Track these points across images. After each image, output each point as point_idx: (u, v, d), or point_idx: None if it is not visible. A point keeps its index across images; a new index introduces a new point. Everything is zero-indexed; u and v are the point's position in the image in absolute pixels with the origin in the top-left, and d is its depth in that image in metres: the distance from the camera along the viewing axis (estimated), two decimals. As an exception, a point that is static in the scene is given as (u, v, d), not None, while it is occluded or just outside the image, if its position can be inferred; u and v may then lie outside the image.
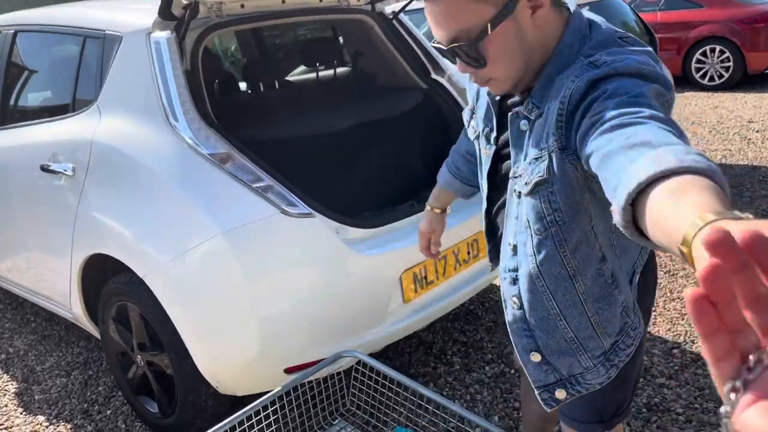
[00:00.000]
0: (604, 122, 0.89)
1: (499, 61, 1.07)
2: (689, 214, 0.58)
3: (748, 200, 4.43)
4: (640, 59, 1.00)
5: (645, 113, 0.87)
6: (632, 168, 0.75)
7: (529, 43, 1.07)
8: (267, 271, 2.11)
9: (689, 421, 2.33)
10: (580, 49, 1.07)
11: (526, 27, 1.05)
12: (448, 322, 3.18)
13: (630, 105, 0.90)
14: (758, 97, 7.67)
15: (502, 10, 1.02)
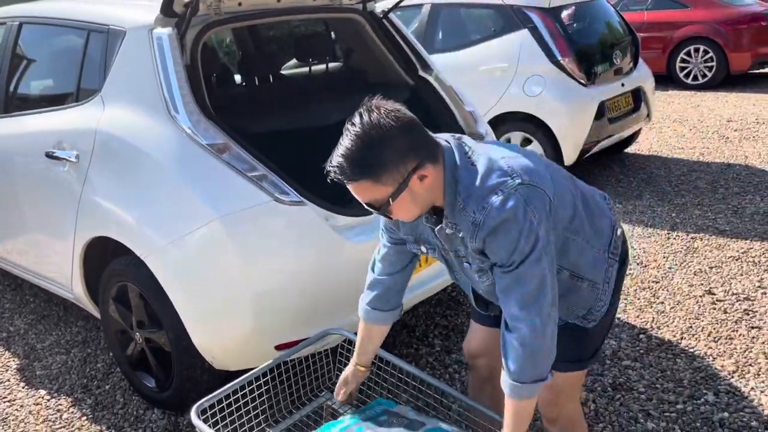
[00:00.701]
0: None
1: (401, 214, 1.46)
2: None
3: (721, 197, 4.63)
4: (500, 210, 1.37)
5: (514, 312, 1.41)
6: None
7: (422, 199, 1.44)
8: (260, 255, 2.26)
9: (650, 399, 2.52)
10: (458, 185, 1.43)
11: (417, 191, 1.42)
12: (431, 307, 3.35)
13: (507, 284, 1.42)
14: (739, 97, 7.89)
15: (397, 188, 1.39)
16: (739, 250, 3.74)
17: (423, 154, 1.40)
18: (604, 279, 1.59)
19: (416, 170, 1.38)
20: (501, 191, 1.37)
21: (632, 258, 3.74)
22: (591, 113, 4.70)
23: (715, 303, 3.19)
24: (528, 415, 1.45)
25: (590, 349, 1.68)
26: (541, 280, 1.40)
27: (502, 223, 1.36)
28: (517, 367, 1.40)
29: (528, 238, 1.37)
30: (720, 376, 2.64)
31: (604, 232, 1.59)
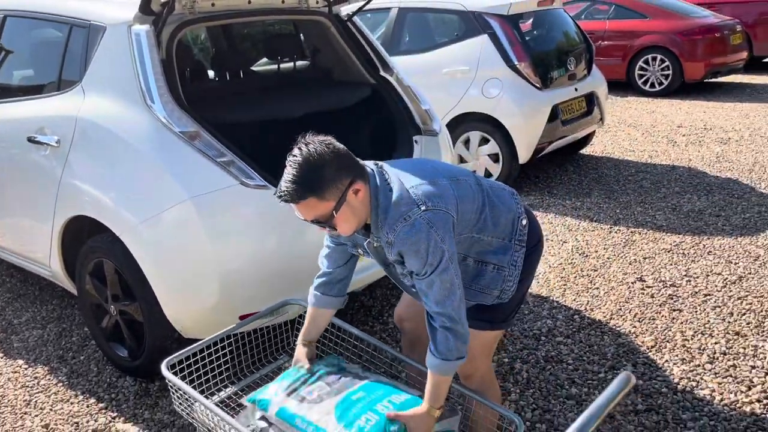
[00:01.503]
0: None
1: (343, 226, 1.72)
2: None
3: (663, 196, 4.98)
4: (408, 234, 1.64)
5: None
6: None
7: (359, 212, 1.72)
8: (227, 233, 2.50)
9: (576, 369, 2.82)
10: (379, 207, 1.71)
11: (354, 204, 1.70)
12: (387, 290, 3.62)
13: (424, 288, 1.69)
14: (691, 105, 8.32)
15: (338, 202, 1.67)
16: (672, 243, 4.08)
17: (354, 172, 1.69)
18: (510, 262, 1.86)
19: (351, 185, 1.67)
20: (408, 217, 1.65)
21: (575, 249, 4.06)
22: (545, 115, 5.02)
23: (645, 289, 3.52)
24: (446, 387, 1.75)
25: (502, 314, 1.95)
26: (451, 283, 1.68)
27: (410, 245, 1.65)
28: (444, 348, 1.70)
29: (434, 254, 1.64)
30: (640, 350, 2.95)
31: (508, 226, 1.86)
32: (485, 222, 1.82)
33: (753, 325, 3.11)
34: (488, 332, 1.94)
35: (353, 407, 1.77)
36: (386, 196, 1.70)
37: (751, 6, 10.34)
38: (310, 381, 1.93)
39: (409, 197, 1.68)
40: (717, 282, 3.54)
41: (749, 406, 2.54)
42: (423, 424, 1.73)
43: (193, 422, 1.94)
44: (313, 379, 1.93)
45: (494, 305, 1.92)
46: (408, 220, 1.65)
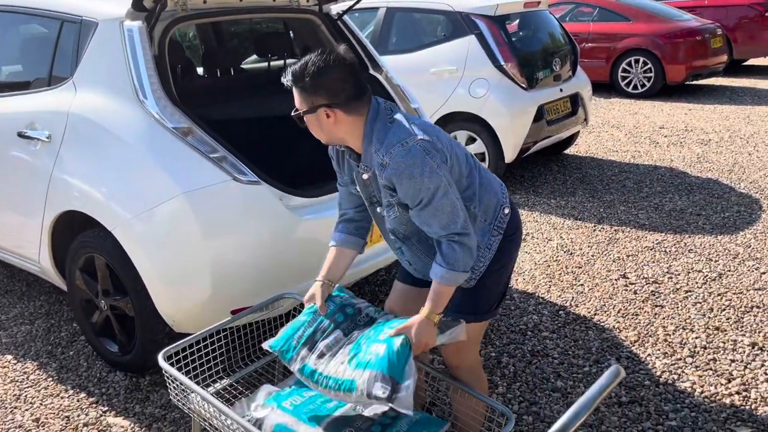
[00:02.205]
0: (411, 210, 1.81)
1: (312, 129, 1.86)
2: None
3: (645, 195, 5.07)
4: (403, 156, 1.71)
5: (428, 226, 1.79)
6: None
7: (327, 128, 1.83)
8: (219, 228, 2.52)
9: (562, 363, 2.89)
10: (373, 135, 1.80)
11: (323, 121, 1.81)
12: (376, 287, 3.66)
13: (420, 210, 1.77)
14: (673, 106, 8.46)
15: (308, 109, 1.80)
16: (654, 241, 4.17)
17: (338, 101, 1.77)
18: (486, 244, 1.92)
19: (325, 107, 1.77)
20: (405, 143, 1.73)
21: (560, 247, 4.13)
22: (530, 115, 5.09)
23: (628, 285, 3.60)
24: (447, 298, 1.83)
25: (485, 305, 1.99)
26: (452, 207, 1.75)
27: (405, 168, 1.71)
28: (451, 258, 1.78)
29: (431, 177, 1.71)
30: (623, 345, 3.02)
31: (490, 208, 1.93)
32: (473, 194, 1.89)
33: (732, 320, 3.19)
34: (473, 324, 1.98)
35: (363, 348, 1.81)
36: (384, 127, 1.79)
37: (732, 10, 10.53)
38: (328, 329, 1.95)
39: (408, 128, 1.77)
40: (698, 279, 3.63)
41: (728, 398, 2.62)
42: (423, 328, 1.80)
43: (189, 413, 1.97)
44: (330, 327, 1.95)
45: (474, 296, 1.96)
46: (405, 146, 1.73)
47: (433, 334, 1.81)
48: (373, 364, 1.74)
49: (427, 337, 1.80)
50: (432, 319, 1.80)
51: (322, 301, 2.02)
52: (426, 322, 1.80)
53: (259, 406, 1.91)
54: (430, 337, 1.80)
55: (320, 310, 2.00)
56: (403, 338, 1.78)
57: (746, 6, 10.43)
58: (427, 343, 1.80)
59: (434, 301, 1.81)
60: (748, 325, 3.14)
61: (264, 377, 2.51)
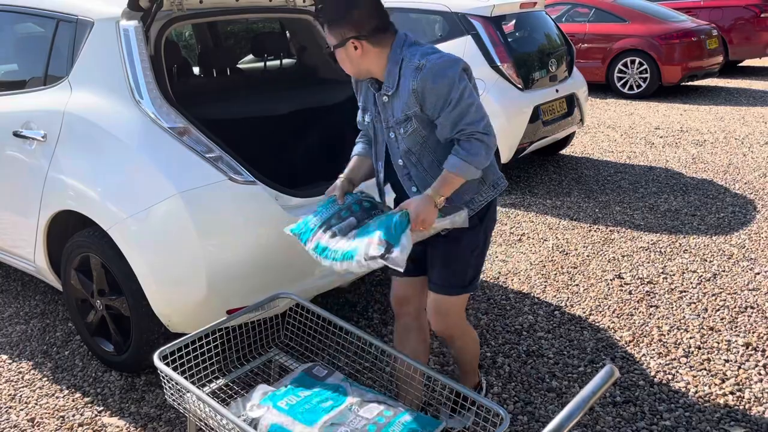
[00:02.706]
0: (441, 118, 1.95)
1: (342, 63, 2.05)
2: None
3: (641, 196, 5.09)
4: (440, 58, 1.90)
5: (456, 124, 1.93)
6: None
7: (356, 60, 2.01)
8: (215, 227, 2.52)
9: (557, 363, 2.90)
10: (403, 55, 1.96)
11: (351, 54, 2.00)
12: (372, 287, 3.67)
13: (452, 109, 1.90)
14: (669, 107, 8.49)
15: (338, 43, 1.99)
16: (649, 241, 4.19)
17: (364, 33, 1.96)
18: (492, 182, 2.12)
19: (353, 39, 1.96)
20: (441, 52, 1.94)
21: (555, 247, 4.14)
22: (526, 116, 5.10)
23: (623, 286, 3.61)
24: (454, 187, 1.97)
25: (466, 278, 2.18)
26: (479, 106, 1.92)
27: (440, 69, 1.88)
28: (469, 149, 1.91)
29: (461, 80, 1.89)
30: (618, 345, 3.03)
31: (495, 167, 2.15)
32: None
33: (726, 320, 3.21)
34: (457, 297, 2.19)
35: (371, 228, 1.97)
36: (419, 45, 1.99)
37: (727, 11, 10.57)
38: (343, 216, 2.09)
39: (440, 51, 1.97)
40: (692, 279, 3.65)
41: (722, 398, 2.63)
42: (423, 206, 1.92)
43: (184, 413, 1.97)
44: (346, 214, 2.09)
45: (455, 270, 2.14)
46: (441, 54, 1.93)
47: (431, 212, 1.93)
48: (372, 233, 1.91)
49: (425, 213, 1.92)
50: (433, 198, 1.93)
51: (341, 192, 2.17)
52: (427, 199, 1.93)
53: (255, 406, 1.91)
54: (429, 213, 1.93)
55: (339, 199, 2.16)
56: (404, 212, 1.93)
57: (742, 7, 10.47)
58: (425, 219, 1.92)
59: (439, 184, 1.94)
60: (742, 326, 3.15)
61: (260, 377, 2.51)
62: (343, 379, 2.10)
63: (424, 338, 2.37)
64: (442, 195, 1.95)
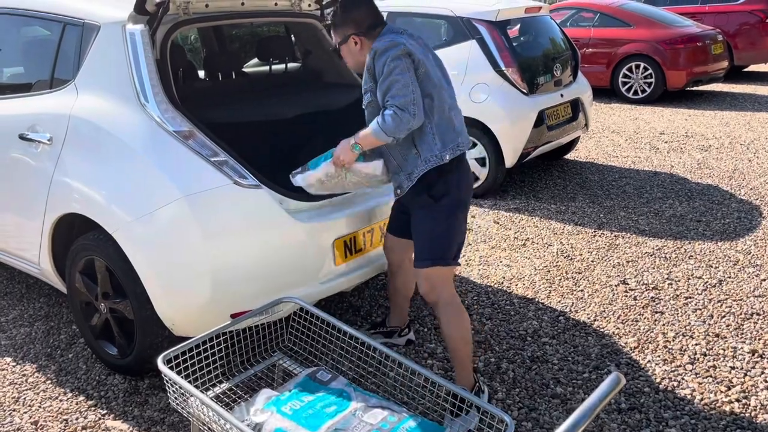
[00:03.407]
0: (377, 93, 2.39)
1: (345, 58, 2.55)
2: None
3: (645, 201, 5.08)
4: (382, 42, 2.34)
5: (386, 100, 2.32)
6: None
7: (355, 56, 2.50)
8: (220, 231, 2.52)
9: (561, 369, 2.88)
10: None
11: (352, 49, 2.49)
12: (376, 291, 3.66)
13: (386, 88, 2.31)
14: (673, 112, 8.47)
15: (341, 40, 2.49)
16: (654, 247, 4.17)
17: (362, 29, 2.44)
18: (425, 158, 2.40)
19: (353, 36, 2.45)
20: (389, 38, 2.35)
21: (560, 252, 4.13)
22: (531, 120, 5.10)
23: (627, 291, 3.60)
24: (372, 142, 2.38)
25: (438, 252, 2.45)
26: (405, 84, 2.26)
27: (381, 50, 2.31)
28: (382, 121, 2.31)
29: (395, 60, 2.27)
30: (623, 351, 3.02)
31: (446, 137, 2.40)
32: (431, 113, 2.37)
33: (732, 327, 3.19)
34: (438, 268, 2.46)
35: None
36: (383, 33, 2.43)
37: (732, 16, 10.55)
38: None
39: (395, 34, 2.37)
40: (698, 285, 3.63)
41: (728, 406, 2.61)
42: (343, 148, 2.43)
43: (188, 417, 1.97)
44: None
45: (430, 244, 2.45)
46: (388, 39, 2.34)
47: (350, 155, 2.41)
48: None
49: (344, 154, 2.42)
50: (353, 145, 2.39)
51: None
52: (346, 144, 2.42)
53: (259, 411, 1.90)
54: (347, 155, 2.42)
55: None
56: (332, 149, 2.46)
57: (747, 12, 10.45)
58: (344, 159, 2.42)
59: (361, 136, 2.39)
60: (748, 332, 3.14)
61: (263, 381, 2.51)
62: (347, 384, 2.09)
63: (406, 278, 2.87)
64: (359, 143, 2.38)
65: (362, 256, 2.95)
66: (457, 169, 2.44)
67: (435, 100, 2.37)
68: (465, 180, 2.48)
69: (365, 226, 2.91)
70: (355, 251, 2.90)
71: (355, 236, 2.88)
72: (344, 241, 2.84)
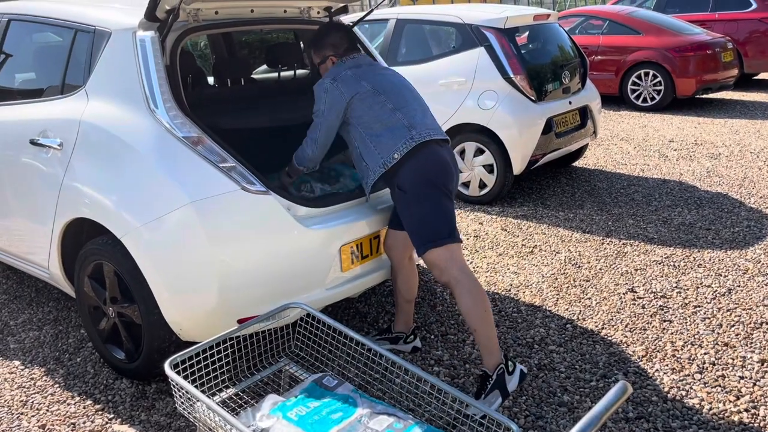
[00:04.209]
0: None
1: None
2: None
3: (654, 209, 5.06)
4: (318, 84, 2.75)
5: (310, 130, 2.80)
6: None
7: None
8: (227, 237, 2.54)
9: (569, 377, 2.87)
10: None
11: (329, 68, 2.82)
12: (383, 297, 3.66)
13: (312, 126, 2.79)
14: (683, 120, 8.44)
15: (320, 60, 2.86)
16: (663, 255, 4.15)
17: (335, 52, 2.80)
18: (372, 168, 2.69)
19: (330, 57, 2.81)
20: (326, 77, 2.73)
21: (568, 260, 4.12)
22: (539, 127, 5.09)
23: (636, 300, 3.58)
24: (292, 169, 2.88)
25: (429, 234, 2.60)
26: (316, 125, 2.72)
27: (317, 89, 2.72)
28: (297, 152, 2.84)
29: (320, 100, 2.70)
30: (631, 360, 3.00)
31: (384, 150, 2.65)
32: (378, 134, 2.64)
33: (741, 336, 3.17)
34: (431, 251, 2.60)
35: None
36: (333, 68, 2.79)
37: (742, 24, 10.51)
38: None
39: (335, 71, 2.73)
40: (707, 294, 3.61)
41: (737, 416, 2.59)
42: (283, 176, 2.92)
43: (194, 422, 1.97)
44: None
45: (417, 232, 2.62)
46: (325, 78, 2.73)
47: (285, 179, 2.90)
48: None
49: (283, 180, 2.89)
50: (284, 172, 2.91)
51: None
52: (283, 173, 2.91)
53: (265, 416, 1.91)
54: (283, 180, 2.90)
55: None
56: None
57: (757, 20, 10.41)
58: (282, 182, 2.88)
59: (288, 167, 2.90)
60: (757, 342, 3.11)
61: (269, 387, 2.51)
62: (353, 390, 2.09)
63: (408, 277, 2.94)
64: (288, 174, 2.89)
65: (369, 262, 2.95)
66: (416, 156, 2.60)
67: (379, 129, 2.63)
68: (429, 162, 2.61)
69: (372, 232, 2.91)
70: (361, 257, 2.91)
71: (361, 242, 2.89)
72: (351, 247, 2.84)
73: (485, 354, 2.63)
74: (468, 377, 2.87)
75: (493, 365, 2.61)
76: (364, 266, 2.95)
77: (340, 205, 2.86)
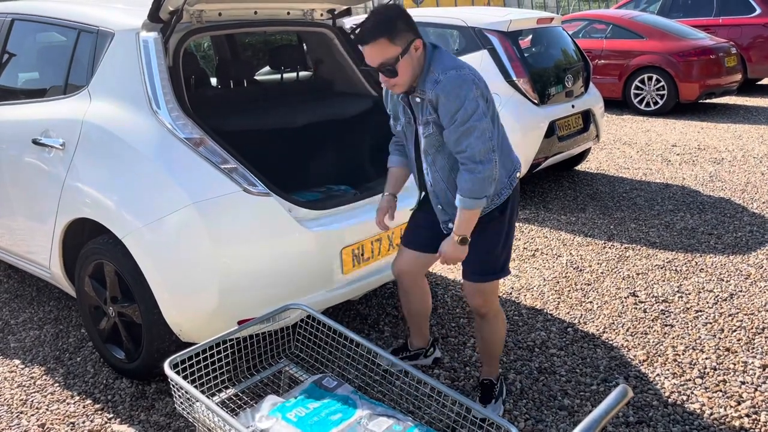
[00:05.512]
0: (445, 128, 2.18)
1: (403, 74, 2.16)
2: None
3: (656, 213, 5.04)
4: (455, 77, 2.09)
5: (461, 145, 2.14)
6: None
7: (413, 67, 2.17)
8: (228, 238, 2.54)
9: (569, 381, 2.86)
10: (429, 66, 2.17)
11: (414, 56, 2.15)
12: (384, 299, 3.66)
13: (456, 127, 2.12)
14: (686, 124, 8.43)
15: (404, 50, 2.12)
16: (665, 259, 4.14)
17: (418, 33, 2.14)
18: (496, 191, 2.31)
19: (414, 41, 2.11)
20: (460, 68, 2.11)
21: (569, 263, 4.11)
22: (542, 131, 5.09)
23: (637, 304, 3.57)
24: (471, 220, 2.20)
25: (497, 265, 2.42)
26: (482, 132, 2.09)
27: (453, 88, 2.07)
28: (464, 187, 2.14)
29: (471, 102, 2.07)
30: (632, 364, 2.99)
31: (508, 165, 2.34)
32: (498, 144, 2.24)
33: (743, 341, 3.16)
34: (488, 283, 2.43)
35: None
36: (442, 53, 2.18)
37: (746, 29, 10.50)
38: None
39: (462, 64, 2.15)
40: (708, 299, 3.60)
41: (738, 421, 2.58)
42: (449, 246, 2.25)
43: (193, 422, 1.97)
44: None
45: (486, 260, 2.39)
46: (459, 71, 2.10)
47: (459, 250, 2.25)
48: None
49: (456, 255, 2.25)
50: (456, 240, 2.23)
51: (392, 212, 2.54)
52: (451, 245, 2.25)
53: (264, 417, 1.91)
54: (459, 253, 2.25)
55: (384, 222, 2.56)
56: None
57: (761, 25, 10.40)
58: (458, 257, 2.26)
59: (458, 226, 2.22)
60: (759, 347, 3.10)
61: (269, 388, 2.51)
62: (353, 392, 2.09)
63: (422, 296, 2.75)
64: (463, 233, 2.22)
65: (370, 264, 2.95)
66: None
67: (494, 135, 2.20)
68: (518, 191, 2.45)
69: (373, 235, 2.91)
70: (363, 260, 2.91)
71: (363, 245, 2.88)
72: (352, 249, 2.84)
73: (491, 366, 2.66)
74: (468, 380, 2.87)
75: (497, 374, 2.68)
76: (366, 269, 2.94)
77: (342, 208, 2.86)
